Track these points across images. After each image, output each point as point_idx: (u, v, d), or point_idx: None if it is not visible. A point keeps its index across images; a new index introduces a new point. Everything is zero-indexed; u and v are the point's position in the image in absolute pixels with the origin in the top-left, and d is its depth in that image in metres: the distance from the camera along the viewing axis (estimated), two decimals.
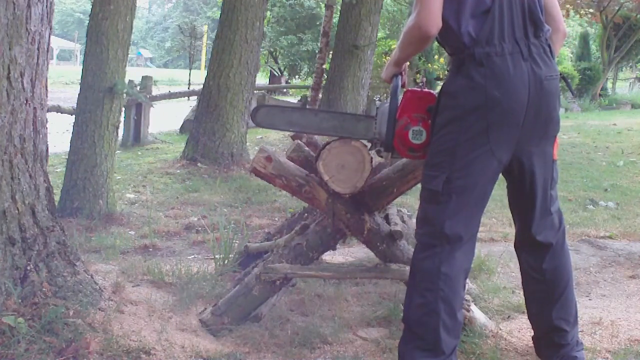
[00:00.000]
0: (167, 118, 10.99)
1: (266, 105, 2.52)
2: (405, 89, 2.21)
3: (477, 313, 2.53)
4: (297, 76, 22.44)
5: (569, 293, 2.18)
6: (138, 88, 8.28)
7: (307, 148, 2.73)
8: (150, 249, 3.92)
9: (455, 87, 1.96)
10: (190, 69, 17.62)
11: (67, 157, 4.67)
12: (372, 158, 2.33)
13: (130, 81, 7.15)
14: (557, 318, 2.16)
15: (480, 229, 4.57)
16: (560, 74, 2.04)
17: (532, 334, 2.31)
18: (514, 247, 2.24)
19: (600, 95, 18.25)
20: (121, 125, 5.21)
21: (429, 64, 13.24)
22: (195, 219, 4.70)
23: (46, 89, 2.38)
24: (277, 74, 21.45)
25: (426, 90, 2.19)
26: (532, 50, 1.94)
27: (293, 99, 14.92)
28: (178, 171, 6.55)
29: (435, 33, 1.94)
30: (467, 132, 1.93)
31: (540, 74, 1.94)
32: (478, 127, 1.91)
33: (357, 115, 2.42)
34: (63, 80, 20.87)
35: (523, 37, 1.94)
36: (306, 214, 3.12)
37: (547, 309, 2.17)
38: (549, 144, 2.07)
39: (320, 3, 17.88)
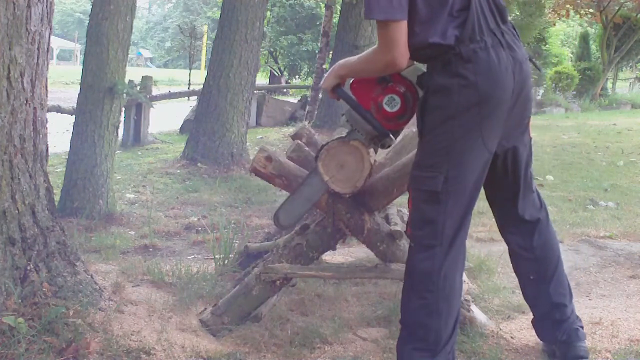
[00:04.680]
0: (167, 118, 10.97)
1: (279, 209, 2.46)
2: (350, 86, 2.22)
3: (477, 313, 2.53)
4: (297, 76, 22.46)
5: (560, 268, 2.23)
6: (138, 88, 8.26)
7: (307, 148, 2.73)
8: (150, 249, 3.92)
9: (446, 86, 1.92)
10: (190, 69, 17.58)
11: (67, 157, 4.67)
12: (371, 156, 2.32)
13: (130, 81, 7.14)
14: (556, 294, 2.20)
15: (480, 229, 4.55)
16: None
17: (532, 317, 2.33)
18: (499, 231, 2.26)
19: (600, 95, 18.23)
20: (121, 125, 5.21)
21: None
22: (195, 219, 4.70)
23: (46, 89, 2.37)
24: (277, 74, 21.44)
25: None
26: (506, 37, 1.95)
27: (293, 99, 14.91)
28: (178, 171, 6.54)
29: (405, 66, 1.97)
30: (462, 129, 1.92)
31: (518, 57, 1.95)
32: (472, 123, 1.91)
33: (346, 136, 2.36)
34: (63, 80, 20.82)
35: (496, 27, 1.94)
36: (306, 214, 3.12)
37: (544, 287, 2.21)
38: (527, 124, 2.10)
39: (320, 3, 17.88)
